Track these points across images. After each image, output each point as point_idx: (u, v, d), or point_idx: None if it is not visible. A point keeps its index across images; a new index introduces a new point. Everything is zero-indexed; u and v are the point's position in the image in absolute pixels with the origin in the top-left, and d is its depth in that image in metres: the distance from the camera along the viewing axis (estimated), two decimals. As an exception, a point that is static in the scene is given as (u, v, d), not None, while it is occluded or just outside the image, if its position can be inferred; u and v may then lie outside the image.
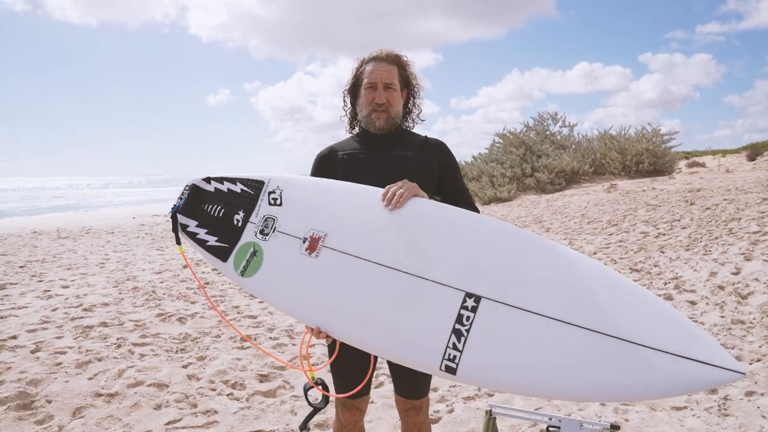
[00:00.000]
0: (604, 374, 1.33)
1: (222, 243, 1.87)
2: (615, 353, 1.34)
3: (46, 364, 3.70)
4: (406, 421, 2.04)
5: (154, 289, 6.06)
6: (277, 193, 1.87)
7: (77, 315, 4.95)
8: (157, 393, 3.34)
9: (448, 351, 1.45)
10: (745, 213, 7.80)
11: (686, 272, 5.79)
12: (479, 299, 1.48)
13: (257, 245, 1.81)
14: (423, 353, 1.48)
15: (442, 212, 1.69)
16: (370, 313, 1.59)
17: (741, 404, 3.02)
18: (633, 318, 1.38)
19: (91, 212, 21.57)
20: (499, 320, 1.44)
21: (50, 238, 10.60)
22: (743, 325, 4.21)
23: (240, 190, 1.93)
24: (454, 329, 1.46)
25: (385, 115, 1.87)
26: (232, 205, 1.92)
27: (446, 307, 1.50)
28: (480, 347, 1.43)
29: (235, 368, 3.75)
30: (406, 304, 1.55)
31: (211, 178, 2.00)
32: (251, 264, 1.80)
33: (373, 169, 1.85)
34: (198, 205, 1.96)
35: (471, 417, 3.03)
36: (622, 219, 9.28)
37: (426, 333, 1.49)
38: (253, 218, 1.86)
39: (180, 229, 1.94)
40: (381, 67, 1.87)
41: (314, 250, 1.72)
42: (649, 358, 1.31)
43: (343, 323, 1.63)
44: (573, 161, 17.59)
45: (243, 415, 3.08)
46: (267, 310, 5.25)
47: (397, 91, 1.89)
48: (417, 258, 1.59)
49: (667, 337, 1.33)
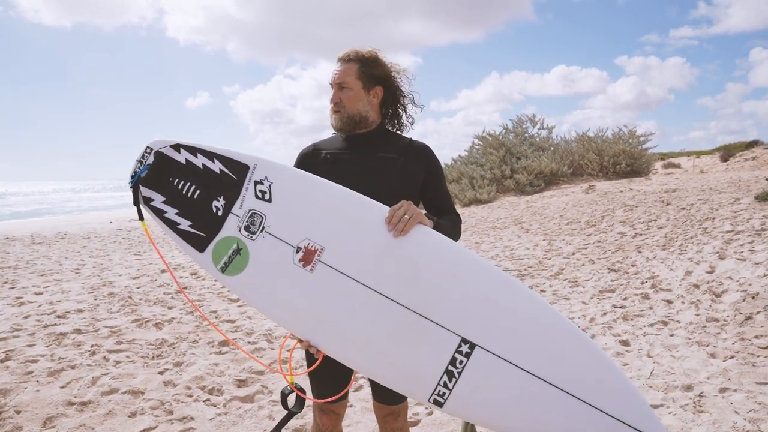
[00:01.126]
0: (564, 428, 1.54)
1: (197, 230, 1.74)
2: (587, 418, 1.53)
3: (16, 373, 3.60)
4: (384, 427, 2.00)
5: (130, 294, 5.95)
6: (266, 185, 1.73)
7: (50, 322, 4.84)
8: (132, 400, 3.27)
9: (439, 388, 1.57)
10: (718, 213, 7.95)
11: (663, 271, 5.87)
12: (474, 346, 1.57)
13: (242, 243, 1.71)
14: (415, 385, 1.59)
15: (443, 247, 1.65)
16: (364, 339, 1.61)
17: (715, 401, 3.06)
18: (601, 387, 1.55)
19: (61, 217, 21.17)
20: (489, 368, 1.56)
21: (23, 244, 10.37)
22: (717, 323, 4.28)
23: (219, 171, 1.76)
24: (447, 370, 1.56)
25: (339, 115, 1.85)
26: (209, 187, 1.75)
27: (442, 348, 1.58)
28: (467, 389, 1.56)
29: (213, 374, 3.70)
30: (402, 338, 1.59)
31: (181, 146, 1.79)
32: (234, 262, 1.71)
33: (355, 170, 1.82)
34: (165, 177, 1.76)
35: (450, 419, 3.02)
36: (600, 219, 9.39)
37: (420, 368, 1.58)
38: (236, 210, 1.73)
39: (143, 202, 1.77)
40: (338, 67, 1.86)
41: (309, 263, 1.65)
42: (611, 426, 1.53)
43: (334, 343, 1.63)
44: (552, 163, 17.77)
45: (220, 421, 3.03)
46: (245, 314, 5.19)
47: (352, 90, 1.84)
48: (417, 294, 1.60)
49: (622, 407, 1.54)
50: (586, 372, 1.56)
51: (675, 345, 3.96)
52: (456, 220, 1.90)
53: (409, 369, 1.58)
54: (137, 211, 1.78)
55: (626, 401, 1.54)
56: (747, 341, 3.87)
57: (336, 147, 1.89)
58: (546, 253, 7.63)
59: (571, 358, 1.57)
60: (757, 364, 3.49)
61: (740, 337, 3.95)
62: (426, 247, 1.63)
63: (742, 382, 3.27)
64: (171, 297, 5.84)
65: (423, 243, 1.64)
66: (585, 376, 1.55)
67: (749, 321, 4.20)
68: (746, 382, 3.27)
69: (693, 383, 3.29)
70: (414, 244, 1.63)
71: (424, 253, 1.63)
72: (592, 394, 1.53)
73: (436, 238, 1.66)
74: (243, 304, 5.52)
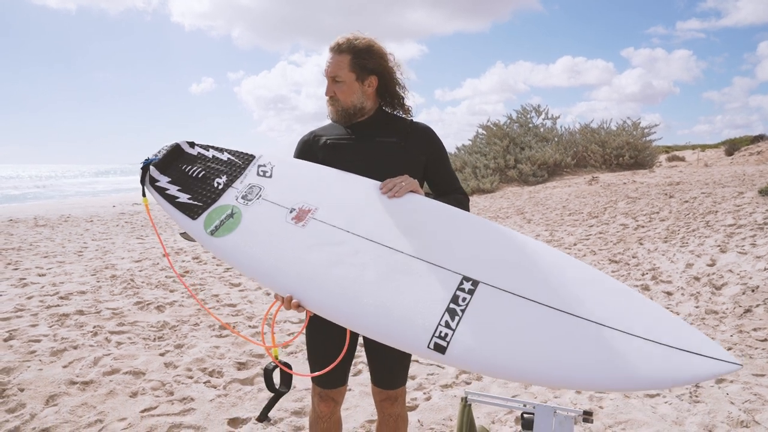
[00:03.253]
0: (605, 366, 1.27)
1: (194, 201, 1.79)
2: (612, 344, 1.29)
3: (20, 353, 3.64)
4: (382, 411, 2.01)
5: (132, 277, 5.99)
6: (268, 167, 1.83)
7: (53, 303, 4.88)
8: (133, 381, 3.30)
9: (440, 328, 1.36)
10: (721, 206, 7.94)
11: (663, 263, 5.88)
12: (477, 283, 1.43)
13: (236, 208, 1.74)
14: (410, 330, 1.39)
15: (439, 208, 1.65)
16: (354, 287, 1.48)
17: (711, 391, 3.08)
18: (623, 310, 1.37)
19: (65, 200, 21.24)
20: (497, 304, 1.39)
21: (27, 226, 10.42)
22: (716, 315, 4.29)
23: (226, 158, 1.88)
24: (448, 308, 1.39)
25: (334, 108, 1.86)
26: (214, 170, 1.86)
27: (442, 287, 1.44)
28: (473, 328, 1.36)
29: (213, 356, 3.73)
30: (396, 281, 1.47)
31: (195, 144, 1.94)
32: (224, 225, 1.71)
33: (355, 156, 1.81)
34: (175, 164, 1.89)
35: (448, 404, 3.05)
36: (603, 211, 9.38)
37: (416, 310, 1.41)
38: (237, 184, 1.81)
39: (149, 182, 1.86)
40: (330, 59, 1.83)
41: (302, 220, 1.66)
42: (642, 349, 1.28)
43: (321, 294, 1.50)
44: (555, 154, 17.71)
45: (220, 402, 3.06)
46: (247, 299, 5.22)
47: (345, 83, 1.81)
48: (414, 240, 1.55)
49: (662, 331, 1.31)
50: (604, 300, 1.39)
51: (673, 336, 3.98)
52: (462, 199, 1.87)
53: (404, 313, 1.41)
54: (141, 188, 1.87)
55: (651, 321, 1.33)
56: (745, 333, 3.88)
57: (335, 133, 1.89)
58: (548, 244, 7.63)
59: (585, 288, 1.42)
60: (754, 356, 3.51)
61: (739, 329, 3.97)
62: (420, 208, 1.65)
63: (739, 373, 3.29)
64: (173, 280, 5.87)
65: (417, 205, 1.66)
66: (602, 303, 1.38)
67: (748, 314, 4.22)
68: (743, 373, 3.29)
69: (690, 374, 3.31)
70: (408, 206, 1.65)
71: (417, 211, 1.64)
72: (613, 319, 1.33)
73: (430, 201, 1.67)
74: (244, 288, 5.55)
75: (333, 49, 1.83)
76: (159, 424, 2.79)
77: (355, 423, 2.87)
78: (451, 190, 1.91)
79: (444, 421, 2.88)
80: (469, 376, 3.46)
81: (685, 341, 1.28)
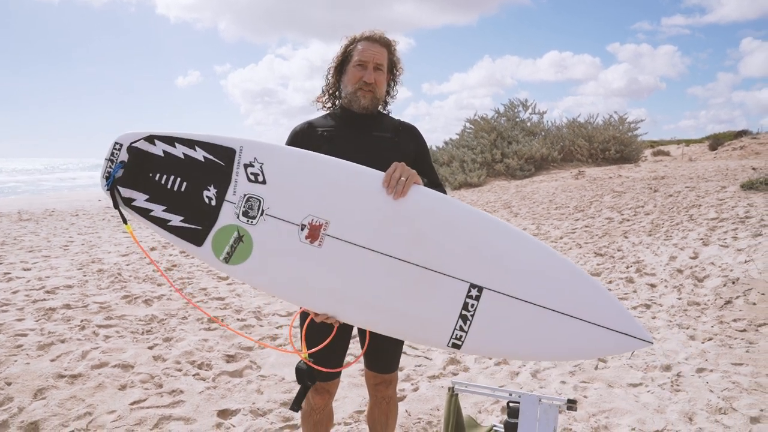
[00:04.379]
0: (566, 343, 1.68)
1: (192, 224, 1.67)
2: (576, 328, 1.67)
3: (6, 347, 3.63)
4: (375, 395, 2.09)
5: (119, 271, 5.96)
6: (257, 167, 1.67)
7: (39, 297, 4.85)
8: (121, 374, 3.31)
9: (456, 332, 1.66)
10: (705, 200, 8.06)
11: (648, 256, 5.97)
12: (482, 289, 1.66)
13: (242, 230, 1.67)
14: (432, 334, 1.68)
15: (439, 202, 1.71)
16: (379, 301, 1.67)
17: (692, 380, 3.15)
18: (590, 303, 1.68)
19: (49, 194, 20.98)
20: (497, 307, 1.67)
21: (11, 221, 10.30)
22: (698, 307, 4.38)
23: (203, 158, 1.67)
24: (460, 315, 1.66)
25: (371, 95, 1.88)
26: (195, 178, 1.67)
27: (453, 295, 1.66)
28: (481, 328, 1.66)
29: (202, 349, 3.74)
30: (415, 293, 1.66)
31: (155, 137, 1.67)
32: (237, 251, 1.67)
33: (353, 149, 1.84)
34: (143, 174, 1.67)
35: (435, 395, 3.09)
36: (589, 205, 9.48)
37: (435, 318, 1.67)
38: (230, 196, 1.67)
39: (123, 204, 1.68)
40: (373, 48, 1.88)
41: (316, 238, 1.66)
42: (592, 331, 1.67)
43: (351, 310, 1.70)
44: (542, 148, 17.83)
45: (209, 394, 3.08)
46: (235, 292, 5.23)
47: (384, 73, 1.91)
48: (423, 250, 1.66)
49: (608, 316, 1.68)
50: (584, 296, 1.69)
51: (656, 327, 4.06)
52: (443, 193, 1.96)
53: (426, 320, 1.67)
54: (119, 214, 1.68)
55: (616, 315, 1.67)
56: (725, 324, 3.97)
57: (331, 125, 1.91)
58: (534, 237, 7.71)
59: (568, 285, 1.69)
60: (733, 346, 3.60)
61: (719, 320, 4.05)
62: (424, 205, 1.69)
63: (719, 363, 3.37)
64: (161, 275, 5.85)
65: (420, 201, 1.69)
66: (583, 300, 1.68)
67: (729, 305, 4.31)
68: (722, 363, 3.37)
69: (672, 364, 3.39)
70: (412, 204, 1.68)
71: (422, 211, 1.69)
72: (590, 314, 1.67)
73: (431, 194, 1.72)
74: (232, 282, 5.56)
75: (372, 39, 1.89)
76: (148, 416, 2.81)
77: (344, 414, 2.90)
78: (433, 186, 1.97)
79: (431, 411, 2.92)
80: (456, 368, 3.50)
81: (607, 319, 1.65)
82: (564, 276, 1.70)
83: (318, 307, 1.69)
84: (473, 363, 3.58)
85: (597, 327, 1.66)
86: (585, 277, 1.70)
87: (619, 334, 1.65)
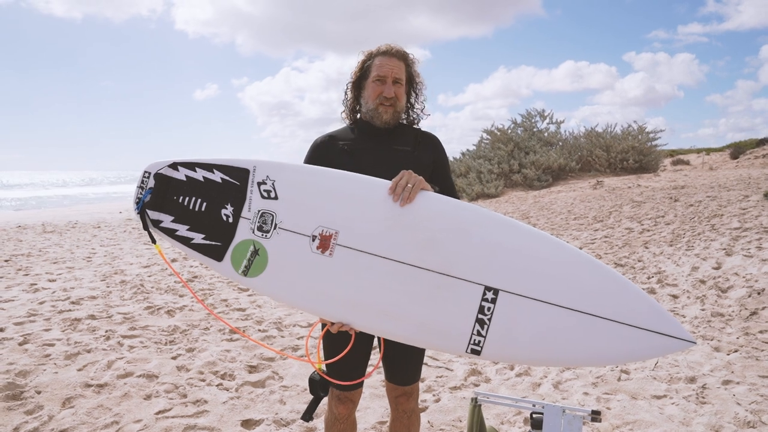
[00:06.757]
0: (593, 346, 1.60)
1: (212, 241, 1.78)
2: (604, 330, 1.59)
3: (35, 356, 3.71)
4: (397, 408, 2.06)
5: (142, 282, 6.05)
6: (269, 184, 1.77)
7: (65, 308, 4.95)
8: (146, 384, 3.36)
9: (474, 337, 1.63)
10: (727, 210, 7.95)
11: (669, 267, 5.90)
12: (497, 292, 1.63)
13: (258, 243, 1.75)
14: (450, 340, 1.65)
15: (448, 206, 1.72)
16: (394, 308, 1.67)
17: (718, 392, 3.11)
18: (617, 302, 1.61)
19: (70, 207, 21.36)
20: (516, 309, 1.63)
21: (35, 233, 10.52)
22: (722, 318, 4.32)
23: (220, 180, 1.80)
24: (477, 319, 1.63)
25: (392, 110, 1.90)
26: (214, 198, 1.79)
27: (469, 299, 1.64)
28: (500, 332, 1.63)
29: (225, 359, 3.78)
30: (430, 299, 1.65)
31: (178, 164, 1.83)
32: (254, 264, 1.75)
33: (373, 162, 1.86)
34: (169, 197, 1.81)
35: (457, 406, 3.09)
36: (608, 215, 9.40)
37: (452, 323, 1.65)
38: (246, 213, 1.77)
39: (152, 225, 1.82)
40: (391, 62, 1.90)
41: (327, 248, 1.70)
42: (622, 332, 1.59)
43: (366, 318, 1.69)
44: (560, 158, 17.75)
45: (233, 404, 3.11)
46: (255, 303, 5.28)
47: (403, 87, 1.93)
48: (434, 255, 1.66)
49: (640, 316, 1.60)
50: (611, 294, 1.61)
51: (680, 338, 4.00)
52: None
53: (442, 327, 1.65)
54: (148, 235, 1.84)
55: (649, 313, 1.58)
56: (752, 336, 3.91)
57: (352, 139, 1.94)
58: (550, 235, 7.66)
59: (592, 283, 1.63)
60: (760, 358, 3.54)
61: (745, 331, 3.99)
62: (432, 210, 1.69)
63: (746, 375, 3.32)
64: (182, 285, 5.93)
65: (429, 207, 1.70)
66: (611, 299, 1.61)
67: (754, 316, 4.24)
68: (749, 375, 3.32)
69: (696, 375, 3.34)
70: (421, 209, 1.69)
71: (432, 215, 1.69)
72: (620, 313, 1.58)
73: (440, 199, 1.72)
74: (252, 293, 5.61)
75: (390, 53, 1.91)
76: (174, 425, 2.84)
77: (367, 424, 2.91)
78: (446, 194, 1.98)
79: (453, 422, 2.92)
80: (478, 378, 3.50)
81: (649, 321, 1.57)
82: (587, 274, 1.64)
83: (331, 315, 1.71)
84: (494, 374, 3.57)
85: (629, 327, 1.57)
86: (613, 275, 1.64)
87: (655, 334, 1.56)
